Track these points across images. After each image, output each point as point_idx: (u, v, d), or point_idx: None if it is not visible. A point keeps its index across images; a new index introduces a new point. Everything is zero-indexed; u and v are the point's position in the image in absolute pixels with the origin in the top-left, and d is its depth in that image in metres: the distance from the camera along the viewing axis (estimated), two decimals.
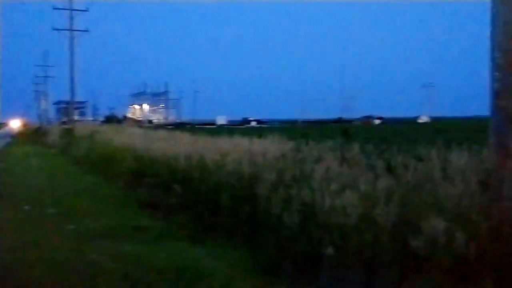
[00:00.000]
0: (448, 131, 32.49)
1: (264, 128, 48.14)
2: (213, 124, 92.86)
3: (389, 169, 6.29)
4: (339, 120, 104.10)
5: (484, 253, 3.86)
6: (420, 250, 4.06)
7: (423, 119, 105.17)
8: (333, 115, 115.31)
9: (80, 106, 78.79)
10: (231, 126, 68.91)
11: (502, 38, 4.72)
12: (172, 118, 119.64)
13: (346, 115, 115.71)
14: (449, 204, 4.36)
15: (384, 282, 4.40)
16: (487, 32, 4.91)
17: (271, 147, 9.17)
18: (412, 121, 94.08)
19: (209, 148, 9.54)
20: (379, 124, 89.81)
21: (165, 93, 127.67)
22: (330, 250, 4.71)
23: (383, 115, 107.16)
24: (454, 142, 8.26)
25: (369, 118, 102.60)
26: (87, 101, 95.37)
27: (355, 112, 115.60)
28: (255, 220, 6.47)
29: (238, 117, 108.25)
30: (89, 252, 6.38)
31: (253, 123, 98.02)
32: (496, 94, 4.85)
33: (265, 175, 6.68)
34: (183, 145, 11.24)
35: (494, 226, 4.02)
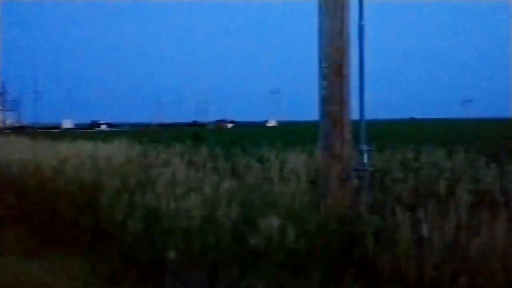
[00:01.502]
0: (293, 134, 34.77)
1: (115, 132, 46.37)
2: (58, 127, 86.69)
3: (233, 171, 6.54)
4: (194, 124, 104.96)
5: (313, 246, 4.20)
6: (258, 247, 4.27)
7: (272, 123, 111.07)
8: (188, 118, 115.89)
9: None
10: (78, 130, 64.96)
11: (328, 49, 5.19)
12: (10, 121, 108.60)
13: (201, 119, 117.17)
14: (283, 202, 4.66)
15: (225, 281, 4.53)
16: None
17: (117, 151, 8.90)
18: (261, 125, 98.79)
19: (48, 154, 8.89)
20: (231, 128, 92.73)
21: (2, 94, 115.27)
22: (172, 254, 4.71)
23: (235, 119, 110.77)
24: (295, 144, 8.90)
25: (222, 121, 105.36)
26: None
27: (210, 116, 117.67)
28: (98, 228, 6.20)
29: (87, 120, 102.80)
30: None
31: (103, 127, 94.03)
32: (324, 101, 5.32)
33: (109, 181, 6.45)
34: (18, 151, 10.30)
35: (322, 221, 4.41)
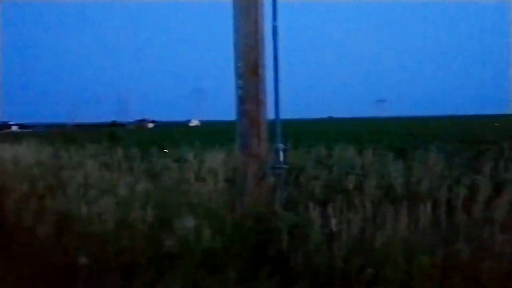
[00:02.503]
0: (215, 133, 34.77)
1: (27, 133, 43.79)
2: None
3: (150, 172, 6.42)
4: (113, 124, 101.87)
5: (229, 245, 4.21)
6: (174, 248, 4.22)
7: (194, 122, 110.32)
8: (108, 118, 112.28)
9: None
10: None
11: (243, 49, 5.23)
12: None
13: (120, 119, 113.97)
14: (200, 202, 4.64)
15: (141, 284, 4.42)
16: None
17: (27, 154, 8.42)
18: (184, 125, 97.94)
19: None
20: (152, 128, 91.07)
21: None
22: (83, 259, 4.53)
23: (157, 119, 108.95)
24: (216, 144, 8.89)
25: (142, 121, 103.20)
26: None
27: (130, 116, 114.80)
28: (4, 235, 5.82)
29: None
30: None
31: (14, 128, 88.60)
32: (240, 100, 5.35)
33: (16, 185, 6.07)
34: None
35: (238, 219, 4.44)
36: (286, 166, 5.17)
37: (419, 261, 3.27)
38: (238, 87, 5.33)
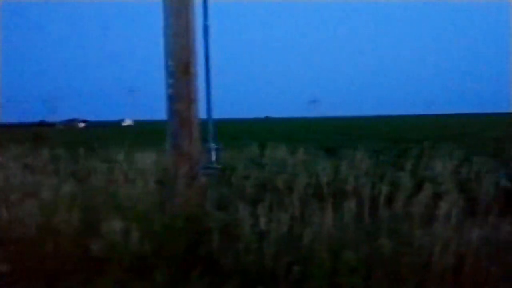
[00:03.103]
0: (148, 133, 34.06)
1: None
2: None
3: (77, 173, 6.19)
4: (41, 124, 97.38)
5: (159, 247, 4.14)
6: (101, 252, 4.08)
7: (128, 122, 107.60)
8: (36, 118, 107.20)
9: None
10: None
11: (174, 48, 5.16)
12: None
13: (49, 118, 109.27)
14: (128, 204, 4.53)
15: None
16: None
17: None
18: (117, 124, 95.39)
19: None
20: (83, 128, 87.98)
21: None
22: (3, 267, 4.30)
23: (88, 118, 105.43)
24: (148, 144, 8.71)
25: (73, 121, 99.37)
26: None
27: (60, 115, 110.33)
28: None
29: None
30: None
31: None
32: (171, 99, 5.28)
33: None
34: None
35: (168, 221, 4.36)
36: (218, 166, 5.16)
37: (344, 257, 3.37)
38: (169, 86, 5.25)
